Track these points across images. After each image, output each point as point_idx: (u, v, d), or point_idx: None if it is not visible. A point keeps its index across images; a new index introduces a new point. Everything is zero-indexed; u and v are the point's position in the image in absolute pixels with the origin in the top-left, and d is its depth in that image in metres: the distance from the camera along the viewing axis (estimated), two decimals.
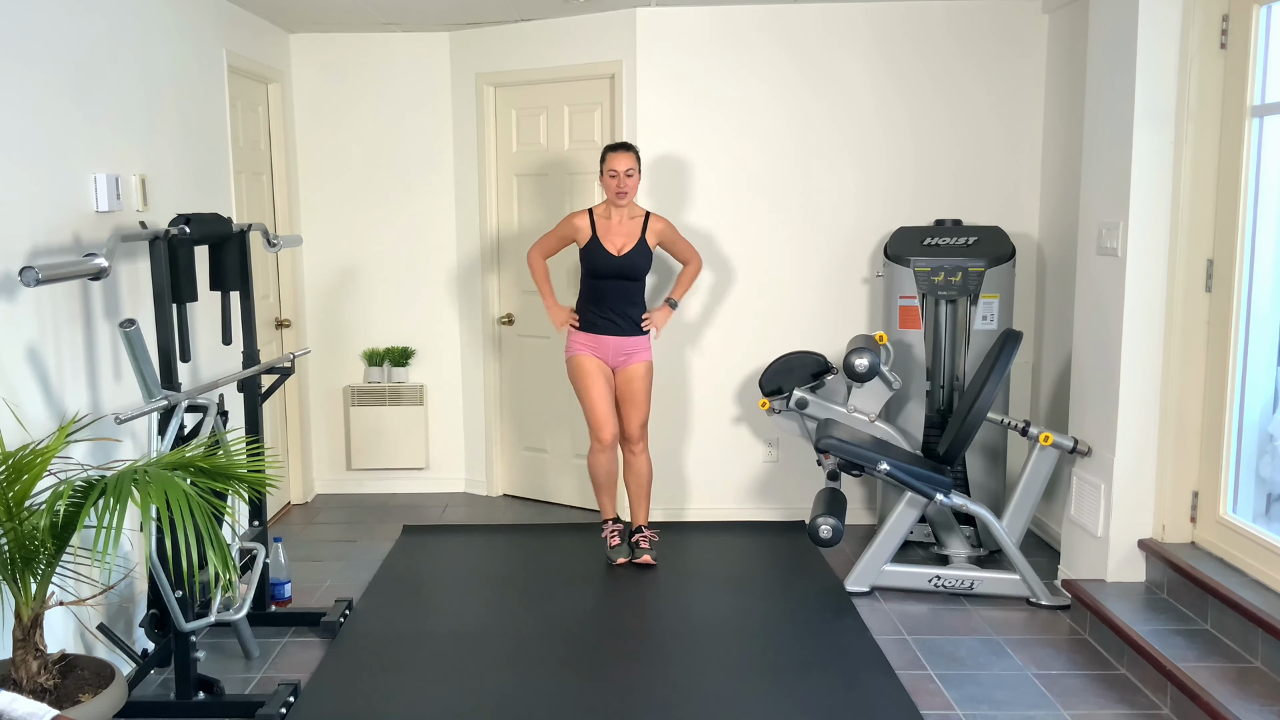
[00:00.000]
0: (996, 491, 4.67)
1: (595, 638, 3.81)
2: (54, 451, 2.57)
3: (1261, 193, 3.45)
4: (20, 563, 2.48)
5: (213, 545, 2.53)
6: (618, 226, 4.38)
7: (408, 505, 5.53)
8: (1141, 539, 3.81)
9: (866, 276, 5.04)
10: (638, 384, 4.48)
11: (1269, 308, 3.45)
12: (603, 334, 4.44)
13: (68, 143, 3.18)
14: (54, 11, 3.12)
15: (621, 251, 4.36)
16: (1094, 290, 3.93)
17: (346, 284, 5.60)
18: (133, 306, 3.59)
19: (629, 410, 4.50)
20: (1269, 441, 3.50)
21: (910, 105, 4.92)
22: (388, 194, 5.53)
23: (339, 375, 5.66)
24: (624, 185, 4.29)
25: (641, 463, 4.57)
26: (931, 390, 4.64)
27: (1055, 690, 3.37)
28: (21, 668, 2.53)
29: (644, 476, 4.60)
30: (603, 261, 4.36)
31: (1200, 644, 3.33)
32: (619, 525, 4.65)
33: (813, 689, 3.39)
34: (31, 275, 2.58)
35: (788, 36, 4.89)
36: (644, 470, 4.59)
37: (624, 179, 4.28)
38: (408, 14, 4.95)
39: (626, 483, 4.63)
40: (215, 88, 4.40)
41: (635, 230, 4.39)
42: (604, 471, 4.56)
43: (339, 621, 3.87)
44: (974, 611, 4.02)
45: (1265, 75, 3.41)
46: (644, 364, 4.49)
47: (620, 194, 4.30)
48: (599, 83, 5.07)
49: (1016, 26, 4.86)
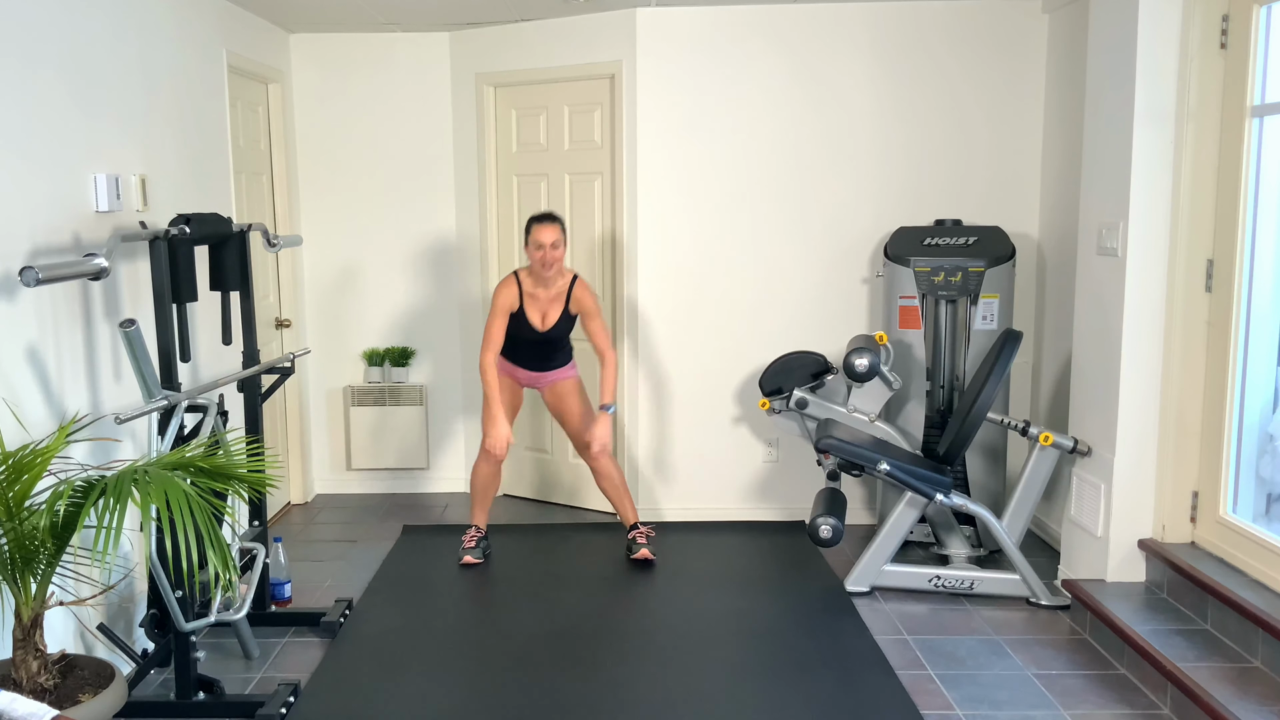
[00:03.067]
0: (996, 491, 4.67)
1: (595, 637, 3.81)
2: (54, 451, 2.57)
3: (1261, 193, 3.45)
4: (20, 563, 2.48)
5: (213, 545, 2.53)
6: (543, 294, 4.42)
7: (408, 505, 5.53)
8: (1141, 539, 3.81)
9: (866, 276, 5.04)
10: (570, 399, 4.55)
11: (1269, 308, 3.45)
12: (526, 369, 4.55)
13: (68, 143, 3.18)
14: (54, 11, 3.12)
15: (546, 325, 4.44)
16: (1094, 290, 3.93)
17: (346, 284, 5.60)
18: (133, 306, 3.59)
19: (571, 424, 4.57)
20: (1269, 441, 3.50)
21: (910, 105, 4.92)
22: (388, 194, 5.53)
23: (339, 375, 5.66)
24: (549, 258, 4.30)
25: (607, 466, 4.58)
26: (931, 390, 4.64)
27: (1055, 690, 3.37)
28: (21, 668, 2.53)
29: (615, 478, 4.61)
30: (527, 333, 4.44)
31: (1200, 644, 3.33)
32: (484, 539, 4.65)
33: (813, 689, 3.39)
34: (31, 275, 2.57)
35: (788, 36, 4.89)
36: (612, 473, 4.60)
37: (549, 251, 4.30)
38: (408, 14, 4.95)
39: (603, 490, 4.64)
40: (215, 88, 4.40)
41: (559, 298, 4.43)
42: (483, 482, 4.61)
43: (339, 621, 3.87)
44: (974, 611, 4.02)
45: (1265, 75, 3.41)
46: (570, 380, 4.56)
47: (546, 265, 4.32)
48: (599, 83, 5.07)
49: (1016, 27, 4.86)
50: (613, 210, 5.12)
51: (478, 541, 4.62)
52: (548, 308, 4.42)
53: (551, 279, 4.40)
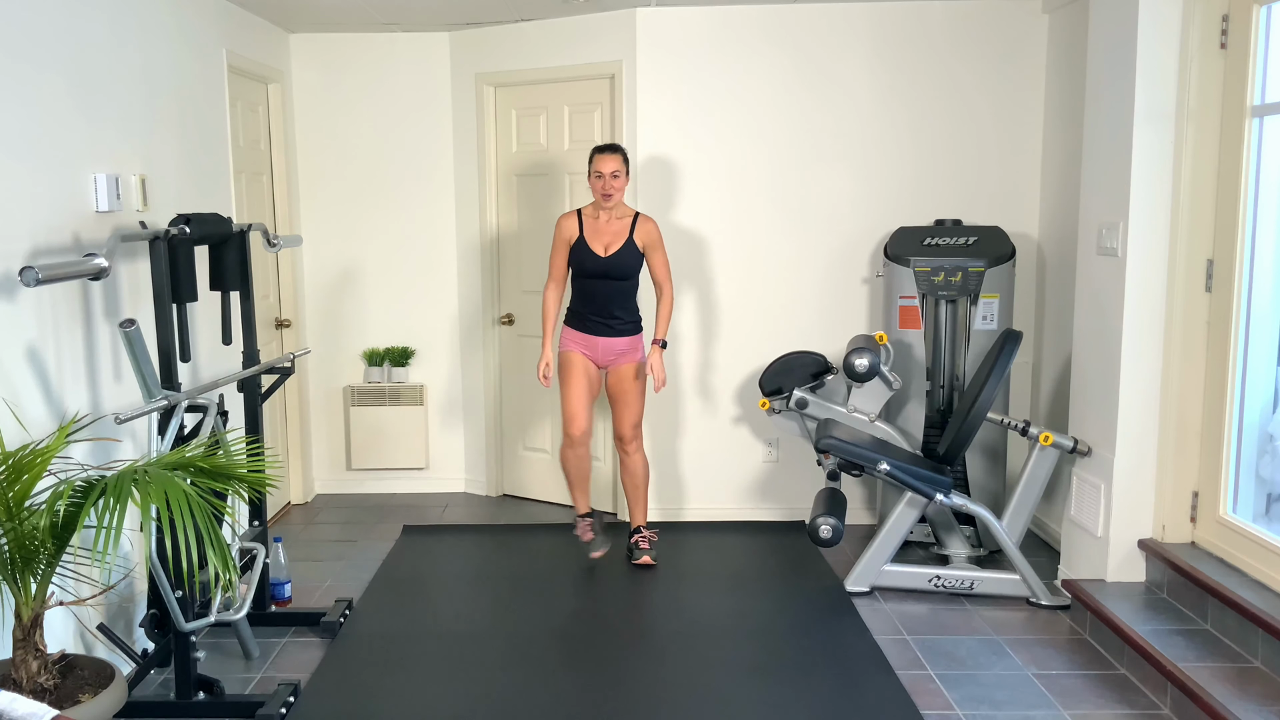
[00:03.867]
0: (996, 491, 4.67)
1: (595, 638, 3.81)
2: (54, 451, 2.57)
3: (1261, 193, 3.45)
4: (20, 563, 2.48)
5: (213, 545, 2.53)
6: (605, 226, 4.37)
7: (408, 505, 5.52)
8: (1141, 539, 3.81)
9: (866, 276, 5.04)
10: (629, 383, 4.47)
11: (1269, 308, 3.45)
12: (592, 334, 4.44)
13: (68, 143, 3.18)
14: (54, 12, 3.12)
15: (608, 252, 4.35)
16: (1094, 290, 3.93)
17: (346, 284, 5.60)
18: (133, 306, 3.59)
19: (621, 410, 4.50)
20: (1269, 441, 3.50)
21: (910, 105, 4.92)
22: (388, 194, 5.53)
23: (339, 375, 5.66)
24: (609, 187, 4.27)
25: (636, 462, 4.57)
26: (931, 390, 4.64)
27: (1055, 690, 3.37)
28: (21, 668, 2.53)
29: (639, 476, 4.59)
30: (590, 262, 4.35)
31: (1200, 644, 3.33)
32: (591, 519, 4.60)
33: (813, 689, 3.39)
34: (31, 275, 2.58)
35: (788, 37, 4.89)
36: (639, 470, 4.58)
37: (609, 180, 4.27)
38: (408, 14, 4.95)
39: (623, 483, 4.62)
40: (215, 88, 4.40)
41: (623, 230, 4.37)
42: (574, 467, 4.53)
43: (339, 621, 3.87)
44: (974, 611, 4.02)
45: (1265, 75, 3.41)
46: (635, 364, 4.48)
47: (606, 195, 4.29)
48: (599, 83, 5.07)
49: (1016, 27, 4.86)
50: None
51: (594, 530, 4.56)
52: (610, 238, 4.36)
53: (613, 210, 4.36)
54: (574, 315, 4.47)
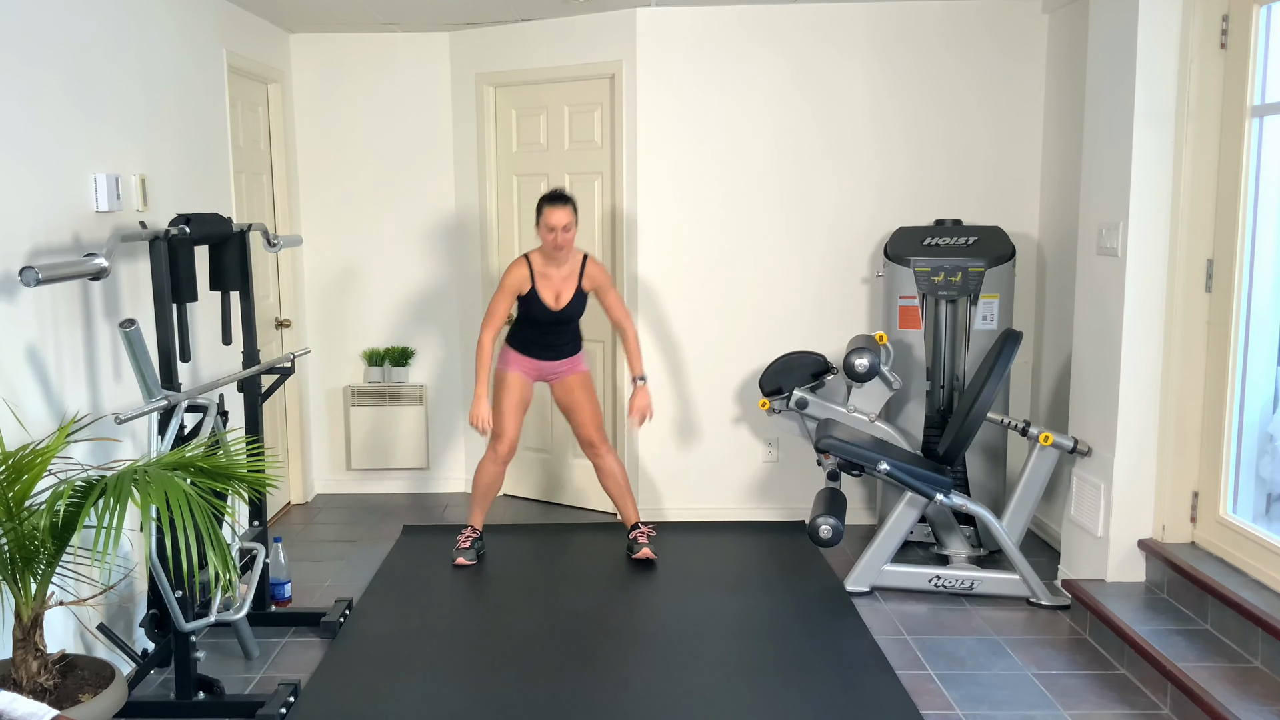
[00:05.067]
0: (996, 491, 4.67)
1: (595, 637, 3.81)
2: (54, 451, 2.57)
3: (1261, 193, 3.45)
4: (20, 563, 2.48)
5: (213, 545, 2.53)
6: (555, 273, 4.41)
7: (408, 505, 5.53)
8: (1141, 539, 3.81)
9: (866, 276, 5.04)
10: (578, 392, 4.54)
11: (1269, 308, 3.45)
12: (537, 359, 4.52)
13: (68, 142, 3.18)
14: (54, 11, 3.12)
15: (560, 304, 4.42)
16: (1094, 290, 3.93)
17: (346, 284, 5.60)
18: (133, 306, 3.59)
19: (580, 417, 4.55)
20: (1269, 441, 3.50)
21: (910, 105, 4.92)
22: (388, 194, 5.53)
23: (339, 375, 5.66)
24: (561, 240, 4.29)
25: (611, 463, 4.59)
26: (931, 390, 4.64)
27: (1055, 690, 3.37)
28: (21, 668, 2.53)
29: (618, 476, 4.61)
30: (540, 313, 4.42)
31: (1200, 644, 3.33)
32: (478, 536, 4.63)
33: (813, 689, 3.39)
34: (31, 275, 2.58)
35: (788, 37, 4.89)
36: (615, 470, 4.61)
37: (561, 234, 4.29)
38: (408, 14, 4.95)
39: (606, 488, 4.64)
40: (215, 88, 4.40)
41: (572, 276, 4.43)
42: (490, 483, 4.59)
43: (339, 621, 3.87)
44: (974, 611, 4.02)
45: (1265, 75, 3.41)
46: (578, 374, 4.56)
47: (557, 248, 4.32)
48: (599, 83, 5.07)
49: (1016, 27, 4.86)
50: (612, 210, 5.12)
51: (472, 543, 4.61)
52: (560, 287, 4.41)
53: (563, 259, 4.40)
54: (520, 341, 4.52)
